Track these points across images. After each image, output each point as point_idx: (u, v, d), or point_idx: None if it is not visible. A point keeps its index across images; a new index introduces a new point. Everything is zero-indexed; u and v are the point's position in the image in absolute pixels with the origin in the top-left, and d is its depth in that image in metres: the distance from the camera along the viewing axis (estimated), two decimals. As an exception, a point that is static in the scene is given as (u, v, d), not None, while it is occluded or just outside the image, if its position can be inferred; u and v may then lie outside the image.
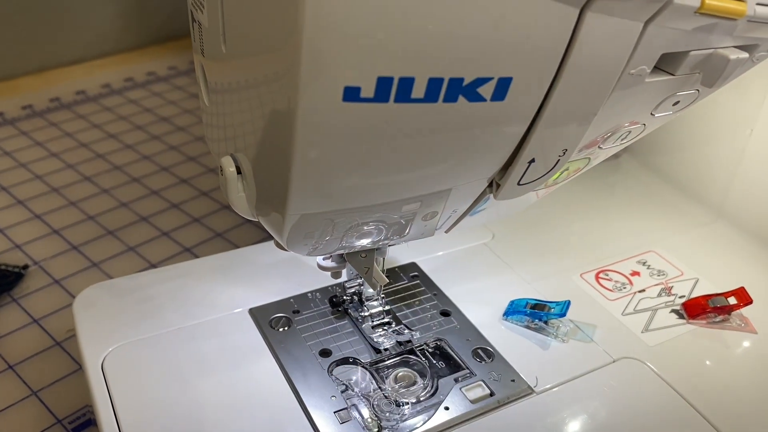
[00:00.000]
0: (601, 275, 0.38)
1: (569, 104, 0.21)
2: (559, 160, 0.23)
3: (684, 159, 0.46)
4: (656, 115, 0.24)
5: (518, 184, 0.24)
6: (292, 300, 0.35)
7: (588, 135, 0.23)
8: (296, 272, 0.36)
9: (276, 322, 0.33)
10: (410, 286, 0.36)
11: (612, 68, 0.20)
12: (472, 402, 0.30)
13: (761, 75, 0.39)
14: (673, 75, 0.22)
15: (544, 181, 0.24)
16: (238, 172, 0.24)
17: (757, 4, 0.20)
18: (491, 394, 0.30)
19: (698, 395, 0.31)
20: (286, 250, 0.25)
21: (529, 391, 0.31)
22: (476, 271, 0.38)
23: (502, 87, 0.19)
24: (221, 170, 0.25)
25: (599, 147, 0.25)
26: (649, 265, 0.39)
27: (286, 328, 0.33)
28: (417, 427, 0.28)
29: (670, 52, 0.21)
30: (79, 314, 0.33)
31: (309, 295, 0.35)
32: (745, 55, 0.21)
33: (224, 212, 0.58)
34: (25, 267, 0.51)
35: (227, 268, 0.37)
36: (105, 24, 0.87)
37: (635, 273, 0.39)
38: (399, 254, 0.38)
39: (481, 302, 0.35)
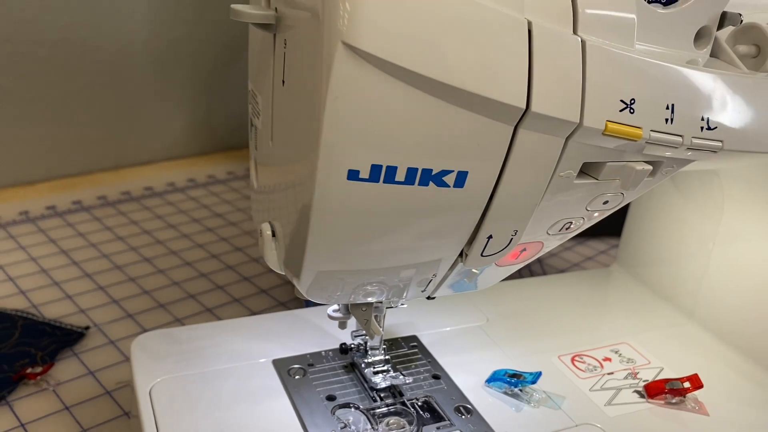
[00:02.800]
0: (576, 358, 0.44)
1: (514, 195, 0.28)
2: (511, 239, 0.31)
3: (663, 270, 0.53)
4: (590, 210, 0.31)
5: (481, 255, 0.31)
6: (308, 355, 0.42)
7: (536, 223, 0.31)
8: (314, 335, 0.43)
9: (293, 371, 0.40)
10: (409, 353, 0.43)
11: (543, 171, 0.28)
12: (450, 444, 0.36)
13: (715, 196, 0.47)
14: (596, 179, 0.30)
15: (504, 254, 0.31)
16: (273, 234, 0.32)
17: (651, 130, 0.28)
18: (465, 440, 0.36)
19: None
20: (305, 298, 0.33)
21: (499, 440, 0.36)
22: (468, 347, 0.44)
23: (462, 177, 0.27)
24: (260, 233, 0.33)
25: (547, 233, 0.32)
26: (620, 354, 0.45)
27: (301, 377, 0.40)
28: (400, 462, 0.34)
29: (591, 161, 0.29)
30: (135, 351, 0.40)
31: (322, 353, 0.42)
32: (649, 167, 0.29)
33: (262, 295, 0.66)
34: (87, 328, 0.59)
35: (260, 327, 0.44)
36: (175, 131, 1.00)
37: (607, 359, 0.44)
38: (403, 329, 0.45)
39: (468, 371, 0.42)
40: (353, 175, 0.26)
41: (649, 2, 0.29)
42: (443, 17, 0.24)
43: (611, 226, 0.59)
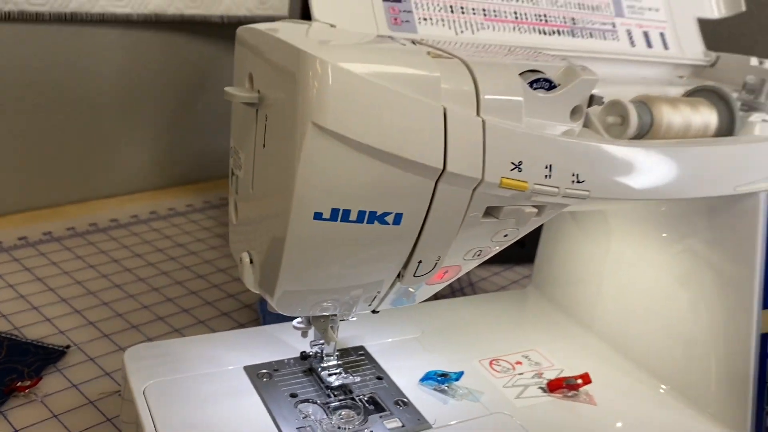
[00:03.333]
0: (493, 362, 0.54)
1: (436, 231, 0.38)
2: (436, 263, 0.40)
3: (567, 291, 0.63)
4: (494, 241, 0.41)
5: (414, 276, 0.41)
6: (273, 362, 0.50)
7: (454, 251, 0.40)
8: (277, 346, 0.52)
9: (261, 375, 0.49)
10: (357, 359, 0.52)
11: (457, 213, 0.38)
12: (390, 430, 0.45)
13: (603, 229, 0.58)
14: (497, 219, 0.40)
15: (431, 276, 0.41)
16: (251, 261, 0.41)
17: (535, 183, 0.38)
18: (402, 426, 0.45)
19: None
20: (276, 311, 0.42)
21: (428, 426, 0.46)
22: (405, 354, 0.54)
23: (398, 218, 0.37)
24: (240, 260, 0.42)
25: (464, 259, 0.42)
26: (530, 359, 0.55)
27: (268, 379, 0.48)
28: (350, 442, 0.43)
29: (493, 206, 0.39)
30: (127, 360, 0.48)
31: (285, 360, 0.51)
32: (535, 210, 0.40)
33: (224, 317, 0.74)
34: (68, 347, 0.66)
35: (230, 341, 0.52)
36: (137, 167, 1.07)
37: (518, 362, 0.55)
38: (352, 340, 0.54)
39: (405, 373, 0.51)
40: (318, 215, 0.36)
41: (534, 89, 0.40)
42: (383, 106, 0.34)
43: (533, 255, 0.70)
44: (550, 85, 0.41)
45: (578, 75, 0.40)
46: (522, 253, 0.75)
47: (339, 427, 0.44)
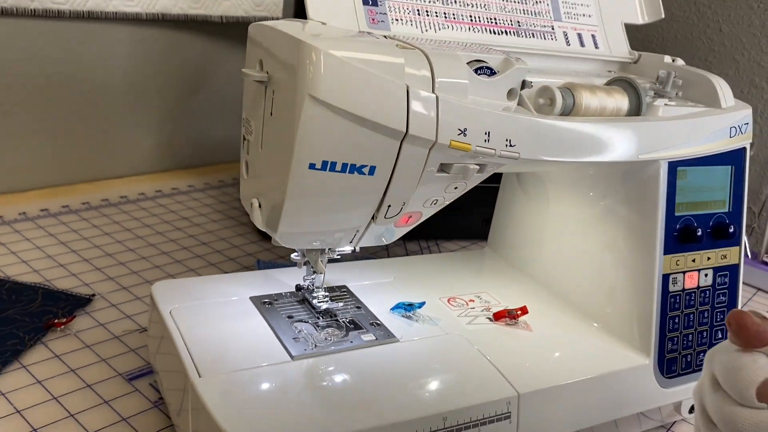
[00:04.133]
0: (450, 299, 0.66)
1: (401, 181, 0.50)
2: (401, 208, 0.52)
3: (516, 248, 0.76)
4: (447, 193, 0.54)
5: (385, 217, 0.53)
6: (273, 294, 0.62)
7: (415, 199, 0.53)
8: (276, 284, 0.64)
9: (264, 302, 0.61)
10: (341, 293, 0.64)
11: (417, 168, 0.50)
12: (365, 342, 0.57)
13: (543, 192, 0.70)
14: (448, 174, 0.52)
15: (398, 218, 0.53)
16: (259, 206, 0.53)
17: (476, 146, 0.51)
18: (376, 338, 0.57)
19: (494, 357, 0.58)
20: (280, 244, 0.54)
21: (396, 340, 0.58)
22: (380, 292, 0.66)
23: (372, 169, 0.49)
24: (251, 205, 0.53)
25: (423, 206, 0.54)
26: (481, 298, 0.68)
27: (269, 305, 0.60)
28: (333, 348, 0.55)
29: (445, 162, 0.51)
30: (155, 290, 0.60)
31: (283, 293, 0.63)
32: (477, 167, 0.52)
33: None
34: (93, 295, 0.78)
35: (238, 280, 0.64)
36: (142, 151, 1.19)
37: (471, 300, 0.67)
38: (337, 281, 0.66)
39: (379, 305, 0.63)
40: (312, 166, 0.48)
41: (478, 74, 0.52)
42: (361, 83, 0.46)
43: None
44: (491, 72, 0.53)
45: (513, 64, 0.53)
46: (486, 229, 0.87)
47: (326, 338, 0.56)
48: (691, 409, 0.67)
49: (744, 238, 1.10)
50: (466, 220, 1.02)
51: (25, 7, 0.97)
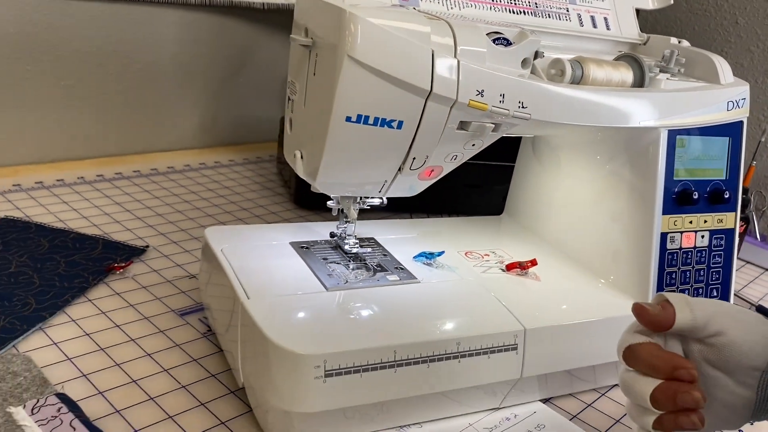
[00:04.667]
0: (468, 253, 0.74)
1: (425, 136, 0.58)
2: (425, 161, 0.60)
3: (531, 213, 0.83)
4: (466, 149, 0.61)
5: (410, 169, 0.60)
6: (310, 241, 0.70)
7: (437, 154, 0.60)
8: (311, 234, 0.72)
9: (302, 247, 0.69)
10: (370, 243, 0.72)
11: (439, 124, 0.57)
12: (390, 281, 0.64)
13: (554, 159, 0.77)
14: (466, 131, 0.59)
15: (422, 170, 0.61)
16: (302, 157, 0.61)
17: (492, 106, 0.58)
18: (399, 279, 0.65)
19: (504, 299, 0.65)
20: (318, 191, 0.62)
21: (417, 281, 0.65)
22: (404, 244, 0.73)
23: (400, 124, 0.56)
24: (294, 156, 0.61)
25: (444, 161, 0.62)
26: (495, 253, 0.75)
27: (307, 249, 0.68)
28: (362, 284, 0.63)
29: (464, 120, 0.58)
30: (208, 233, 0.69)
31: (318, 240, 0.71)
32: (493, 125, 0.59)
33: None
34: (147, 246, 0.87)
35: (280, 228, 0.73)
36: (188, 127, 1.28)
37: (486, 255, 0.74)
38: (367, 233, 0.74)
39: (403, 253, 0.71)
40: (348, 119, 0.55)
41: (496, 44, 0.59)
42: (394, 47, 0.54)
43: (504, 191, 0.89)
44: (507, 43, 0.60)
45: (527, 37, 0.60)
46: (504, 206, 0.93)
47: (356, 277, 0.64)
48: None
49: (755, 221, 1.15)
50: (486, 197, 1.09)
51: (88, -10, 1.07)
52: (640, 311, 0.48)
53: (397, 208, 0.96)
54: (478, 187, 1.08)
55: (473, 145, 0.62)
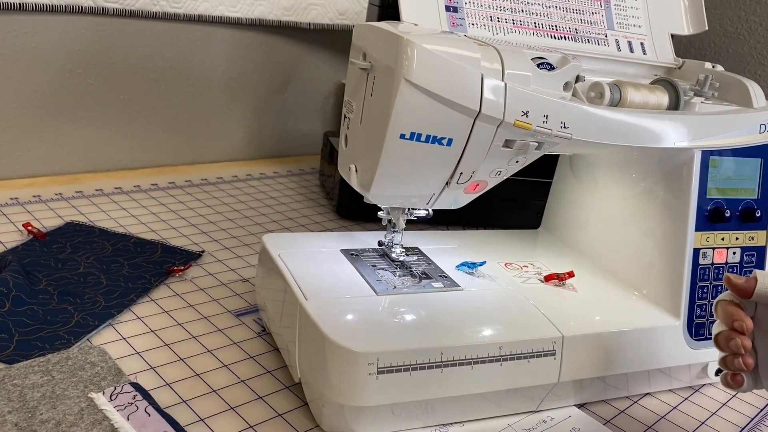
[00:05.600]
0: (508, 264, 0.78)
1: (473, 152, 0.62)
2: (471, 175, 0.64)
3: (569, 229, 0.87)
4: (509, 165, 0.65)
5: (457, 183, 0.65)
6: (359, 249, 0.75)
7: (483, 169, 0.64)
8: (360, 243, 0.77)
9: (353, 254, 0.73)
10: (415, 252, 0.76)
11: (486, 142, 0.62)
12: (435, 288, 0.69)
13: (592, 177, 0.81)
14: (511, 149, 0.63)
15: (468, 184, 0.65)
16: (356, 171, 0.66)
17: (536, 126, 0.62)
18: (443, 286, 0.69)
19: (543, 307, 0.69)
20: (370, 201, 0.66)
21: (461, 288, 0.70)
22: (447, 254, 0.78)
23: (450, 141, 0.61)
24: (349, 170, 0.66)
25: (489, 176, 0.66)
26: (534, 265, 0.79)
27: (356, 256, 0.73)
28: (409, 290, 0.67)
29: (509, 138, 0.63)
30: (266, 239, 0.74)
31: (367, 248, 0.75)
32: (536, 144, 0.63)
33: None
34: (203, 251, 0.92)
35: (335, 238, 0.78)
36: (235, 140, 1.34)
37: (525, 266, 0.78)
38: (412, 242, 0.79)
39: (447, 263, 0.75)
40: (402, 136, 0.60)
41: (540, 69, 0.64)
42: (446, 71, 0.58)
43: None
44: (550, 67, 0.65)
45: (569, 62, 0.64)
46: (540, 221, 0.97)
47: (403, 283, 0.69)
48: (717, 372, 0.76)
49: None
50: (522, 212, 1.13)
51: (148, 10, 1.14)
52: (726, 280, 0.58)
53: (434, 221, 1.00)
54: (514, 201, 1.12)
55: (517, 161, 0.66)
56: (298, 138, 1.42)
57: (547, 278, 0.75)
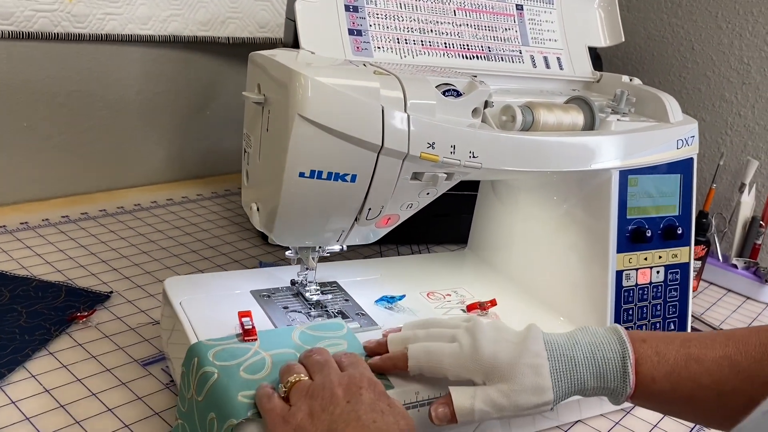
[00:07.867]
0: (430, 294, 0.75)
1: (380, 188, 0.59)
2: (381, 211, 0.61)
3: (491, 250, 0.84)
4: (420, 197, 0.62)
5: (366, 219, 0.61)
6: (271, 289, 0.71)
7: (392, 203, 0.61)
8: (272, 280, 0.73)
9: (263, 295, 0.69)
10: (331, 288, 0.72)
11: (392, 176, 0.58)
12: (351, 328, 0.65)
13: (513, 199, 0.78)
14: (420, 181, 0.60)
15: (378, 220, 0.61)
16: (258, 209, 0.61)
17: (444, 157, 0.59)
18: (360, 326, 0.65)
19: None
20: (275, 243, 0.62)
21: (378, 327, 0.66)
22: (366, 287, 0.74)
23: (354, 177, 0.57)
24: (251, 208, 0.62)
25: (400, 209, 0.63)
26: (457, 293, 0.76)
27: (267, 298, 0.69)
28: (323, 334, 0.63)
29: (417, 171, 0.59)
30: (167, 284, 0.69)
31: (279, 287, 0.71)
32: (445, 175, 0.60)
33: (231, 273, 0.94)
34: (111, 292, 0.86)
35: (240, 276, 0.73)
36: (154, 162, 1.27)
37: (448, 294, 0.75)
38: (328, 278, 0.75)
39: (365, 298, 0.71)
40: (301, 174, 0.56)
41: (446, 96, 0.60)
42: (343, 104, 0.54)
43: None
44: (457, 94, 0.61)
45: (477, 87, 0.61)
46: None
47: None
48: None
49: (716, 242, 1.17)
50: (454, 226, 1.10)
51: (49, 31, 1.06)
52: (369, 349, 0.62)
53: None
54: (446, 216, 1.09)
55: (428, 193, 0.63)
56: (224, 155, 1.36)
57: (470, 308, 0.72)
